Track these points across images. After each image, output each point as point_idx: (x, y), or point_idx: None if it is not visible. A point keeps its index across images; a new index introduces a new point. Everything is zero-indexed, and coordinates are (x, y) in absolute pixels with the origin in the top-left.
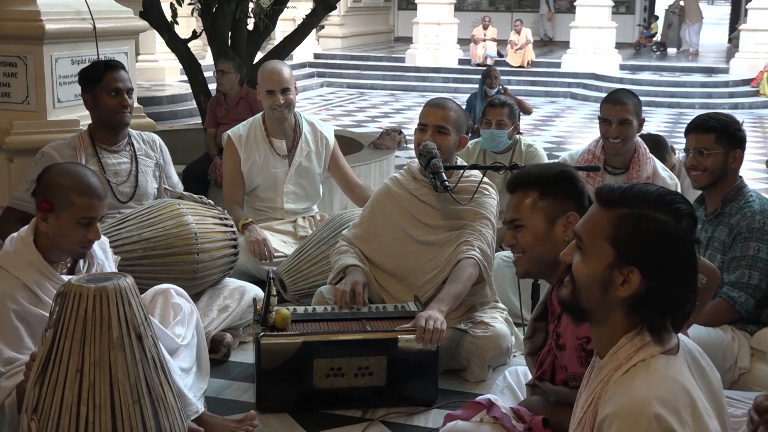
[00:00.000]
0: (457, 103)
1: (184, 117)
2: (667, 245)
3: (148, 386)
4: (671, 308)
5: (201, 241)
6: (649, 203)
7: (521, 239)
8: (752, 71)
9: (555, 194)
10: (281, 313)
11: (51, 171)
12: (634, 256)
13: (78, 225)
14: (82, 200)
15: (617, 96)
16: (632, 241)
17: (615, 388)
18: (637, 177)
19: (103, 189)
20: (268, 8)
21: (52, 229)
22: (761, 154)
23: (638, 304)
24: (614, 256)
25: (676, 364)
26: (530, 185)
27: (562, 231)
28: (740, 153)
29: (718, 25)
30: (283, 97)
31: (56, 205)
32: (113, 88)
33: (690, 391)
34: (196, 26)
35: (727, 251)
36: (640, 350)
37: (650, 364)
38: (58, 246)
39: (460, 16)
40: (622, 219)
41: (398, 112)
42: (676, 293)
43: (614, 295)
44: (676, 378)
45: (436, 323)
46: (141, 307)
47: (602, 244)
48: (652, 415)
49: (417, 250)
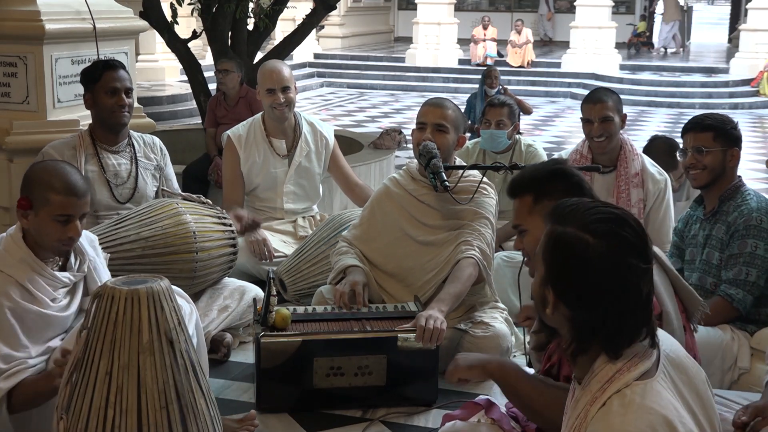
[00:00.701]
0: (454, 103)
1: (184, 117)
2: (576, 264)
3: (177, 392)
4: (606, 333)
5: (199, 240)
6: (575, 220)
7: (526, 244)
8: (752, 71)
9: (550, 194)
10: (281, 313)
11: (33, 168)
12: (551, 276)
13: (56, 222)
14: (58, 197)
15: (596, 95)
16: (549, 257)
17: (593, 427)
18: (626, 174)
19: (83, 186)
20: (268, 8)
21: (32, 227)
22: (761, 154)
23: (574, 327)
24: (542, 273)
25: (654, 389)
26: (525, 189)
27: None
28: (737, 151)
29: (718, 25)
30: (283, 95)
31: (34, 202)
32: (111, 88)
33: (670, 420)
34: (196, 26)
35: (724, 249)
36: (613, 379)
37: (625, 395)
38: (39, 243)
39: (460, 16)
40: (548, 234)
41: (398, 112)
42: (599, 317)
43: (547, 313)
44: (652, 408)
45: (436, 323)
46: (175, 311)
47: (539, 259)
48: None
49: (416, 250)
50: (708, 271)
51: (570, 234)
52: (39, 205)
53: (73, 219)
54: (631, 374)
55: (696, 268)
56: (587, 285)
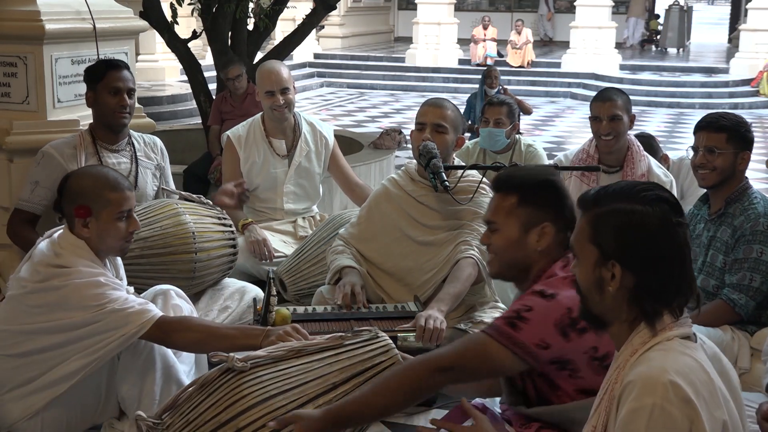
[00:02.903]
0: (453, 104)
1: (184, 117)
2: (640, 232)
3: None
4: (666, 293)
5: (199, 240)
6: (619, 198)
7: (494, 241)
8: (752, 71)
9: (535, 202)
10: (281, 313)
11: (73, 178)
12: (612, 250)
13: (117, 221)
14: (116, 195)
15: (606, 94)
16: (607, 235)
17: (632, 365)
18: (632, 174)
19: (127, 180)
20: (268, 8)
21: (95, 232)
22: (761, 154)
23: (635, 296)
24: (597, 255)
25: (694, 347)
26: (512, 189)
27: (535, 240)
28: (748, 155)
29: (718, 25)
30: (282, 97)
31: (93, 207)
32: (113, 87)
33: (707, 370)
34: (196, 26)
35: (729, 252)
36: (656, 336)
37: (666, 345)
38: (102, 247)
39: (460, 16)
40: (597, 218)
41: (398, 112)
42: (664, 277)
43: (608, 292)
44: (693, 356)
45: (436, 322)
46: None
47: (587, 246)
48: (668, 382)
49: (415, 250)
50: (711, 274)
51: (625, 208)
52: (99, 208)
53: (131, 213)
54: (673, 332)
55: (698, 269)
56: (652, 248)
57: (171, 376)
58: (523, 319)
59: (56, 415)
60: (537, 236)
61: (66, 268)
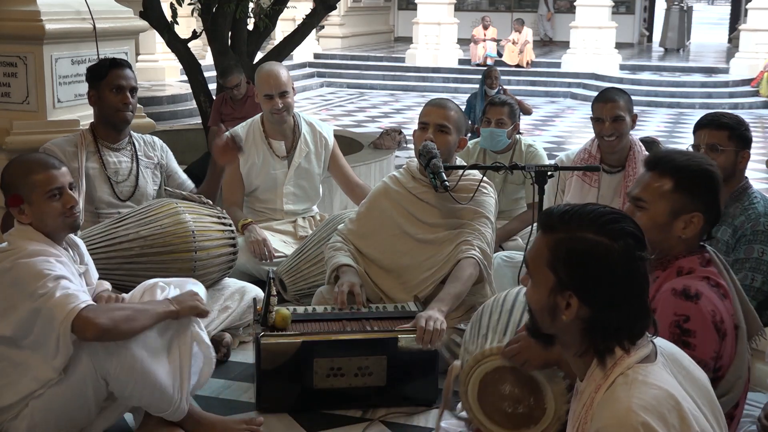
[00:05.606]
0: (456, 104)
1: (184, 117)
2: (602, 268)
3: None
4: (621, 330)
5: (198, 239)
6: (584, 224)
7: (638, 219)
8: (752, 71)
9: (690, 190)
10: (281, 313)
11: (4, 170)
12: (570, 280)
13: (50, 200)
14: (40, 176)
15: (608, 94)
16: (566, 265)
17: (600, 408)
18: (634, 174)
19: (54, 159)
20: (268, 8)
21: (33, 218)
22: (761, 154)
23: (589, 328)
24: (554, 282)
25: (655, 370)
26: (669, 172)
27: (681, 228)
28: (748, 154)
29: (718, 25)
30: (281, 100)
31: (23, 193)
32: (116, 85)
33: (673, 394)
34: (196, 26)
35: (730, 252)
36: (616, 366)
37: (628, 375)
38: (46, 229)
39: (460, 16)
40: (557, 243)
41: (398, 112)
42: (622, 314)
43: (561, 320)
44: (656, 384)
45: (436, 323)
46: None
47: (544, 270)
48: (638, 424)
49: (414, 247)
50: None
51: (589, 239)
52: (28, 192)
53: (63, 189)
54: (631, 358)
55: None
56: (614, 284)
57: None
58: (689, 332)
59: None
60: (684, 224)
61: (12, 249)
